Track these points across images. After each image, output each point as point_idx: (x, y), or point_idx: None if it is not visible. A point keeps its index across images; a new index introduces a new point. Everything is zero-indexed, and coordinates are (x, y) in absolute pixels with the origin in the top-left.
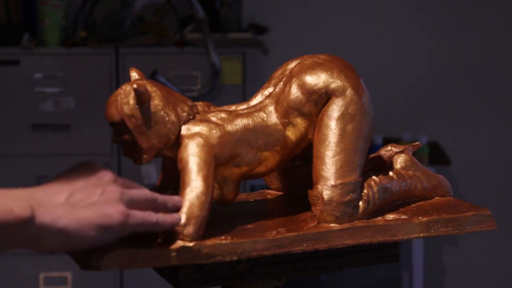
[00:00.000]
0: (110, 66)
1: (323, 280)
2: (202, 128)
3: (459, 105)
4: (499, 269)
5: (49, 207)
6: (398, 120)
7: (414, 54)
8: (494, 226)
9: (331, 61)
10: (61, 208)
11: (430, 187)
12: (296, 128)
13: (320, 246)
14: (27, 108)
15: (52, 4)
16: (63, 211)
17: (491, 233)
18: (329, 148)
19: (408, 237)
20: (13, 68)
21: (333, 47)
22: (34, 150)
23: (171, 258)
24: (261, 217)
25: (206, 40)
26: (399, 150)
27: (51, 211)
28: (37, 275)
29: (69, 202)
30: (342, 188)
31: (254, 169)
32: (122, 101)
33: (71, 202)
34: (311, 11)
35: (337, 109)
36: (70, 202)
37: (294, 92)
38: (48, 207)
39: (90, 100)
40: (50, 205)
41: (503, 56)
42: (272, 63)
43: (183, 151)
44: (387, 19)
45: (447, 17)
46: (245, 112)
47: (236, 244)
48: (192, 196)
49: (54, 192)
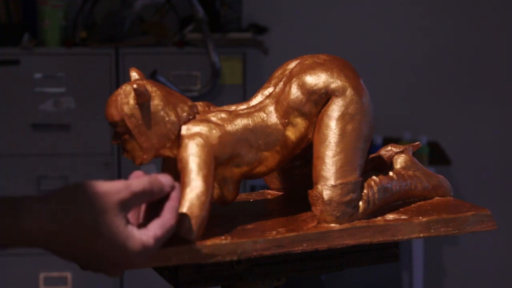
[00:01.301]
0: (110, 66)
1: (323, 280)
2: (202, 128)
3: (459, 105)
4: (499, 269)
5: None
6: (398, 120)
7: (414, 54)
8: (494, 226)
9: (331, 61)
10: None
11: (430, 187)
12: (296, 128)
13: (320, 246)
14: (27, 108)
15: (52, 4)
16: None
17: (491, 233)
18: (329, 148)
19: (408, 237)
20: (13, 68)
21: (333, 47)
22: (34, 150)
23: (171, 258)
24: (261, 217)
25: (206, 40)
26: (399, 150)
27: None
28: (37, 275)
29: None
30: (342, 188)
31: (254, 169)
32: (122, 101)
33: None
34: (311, 11)
35: (337, 109)
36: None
37: (294, 92)
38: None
39: (90, 100)
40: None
41: (504, 56)
42: (272, 63)
43: (183, 151)
44: (387, 19)
45: (447, 17)
46: (245, 112)
47: (236, 244)
48: (192, 196)
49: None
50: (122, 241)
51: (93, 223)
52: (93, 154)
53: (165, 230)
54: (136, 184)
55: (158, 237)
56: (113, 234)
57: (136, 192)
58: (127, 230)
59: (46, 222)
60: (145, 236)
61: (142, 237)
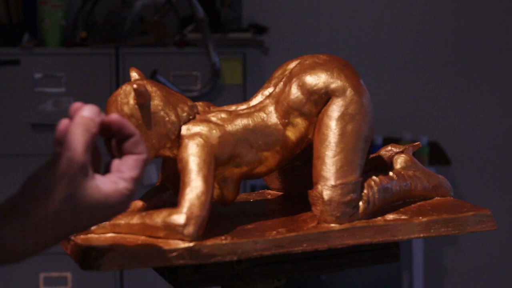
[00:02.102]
0: (110, 66)
1: (323, 280)
2: (202, 128)
3: (459, 105)
4: (499, 269)
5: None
6: (398, 120)
7: (414, 54)
8: (494, 226)
9: (331, 61)
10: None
11: (430, 187)
12: (296, 128)
13: (320, 246)
14: (27, 108)
15: (52, 4)
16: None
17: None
18: (329, 148)
19: (408, 237)
20: (13, 68)
21: (333, 47)
22: (34, 150)
23: (171, 258)
24: (261, 217)
25: (206, 40)
26: (399, 150)
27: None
28: (37, 275)
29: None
30: (342, 188)
31: (254, 169)
32: (122, 101)
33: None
34: (311, 11)
35: (337, 109)
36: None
37: (294, 92)
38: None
39: (90, 100)
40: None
41: (504, 56)
42: (272, 63)
43: (183, 151)
44: (387, 19)
45: (448, 17)
46: (245, 112)
47: (236, 244)
48: (192, 196)
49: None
50: (104, 204)
51: (68, 205)
52: None
53: (140, 167)
54: (81, 137)
55: (136, 178)
56: (92, 205)
57: (89, 142)
58: (100, 190)
59: (32, 237)
60: (122, 183)
61: (119, 186)
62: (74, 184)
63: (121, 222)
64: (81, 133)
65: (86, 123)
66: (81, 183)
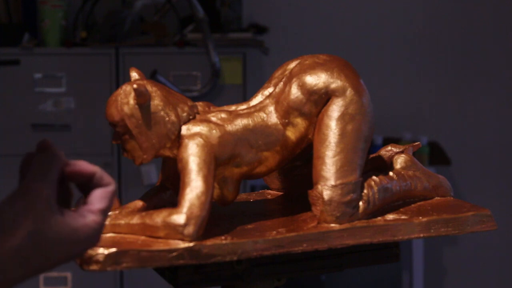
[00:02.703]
0: (110, 66)
1: (323, 280)
2: (202, 128)
3: (459, 105)
4: (499, 269)
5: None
6: (398, 120)
7: (415, 54)
8: (494, 226)
9: (331, 61)
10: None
11: (430, 187)
12: (296, 128)
13: (320, 246)
14: (27, 108)
15: (52, 4)
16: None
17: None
18: (329, 148)
19: (408, 237)
20: (13, 68)
21: (333, 47)
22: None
23: (171, 258)
24: (261, 217)
25: (206, 40)
26: (399, 150)
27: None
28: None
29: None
30: (342, 188)
31: (254, 169)
32: (122, 101)
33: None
34: (311, 11)
35: (337, 109)
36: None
37: (294, 92)
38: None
39: (90, 100)
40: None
41: (504, 56)
42: (272, 63)
43: (183, 151)
44: (387, 19)
45: (448, 17)
46: (245, 112)
47: (236, 244)
48: (192, 196)
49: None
50: (73, 238)
51: (33, 241)
52: (93, 154)
53: (108, 198)
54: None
55: (103, 209)
56: (61, 240)
57: (54, 179)
58: (69, 225)
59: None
60: (91, 216)
61: (86, 220)
62: (40, 219)
63: (121, 222)
64: (47, 167)
65: (53, 157)
66: (48, 218)
